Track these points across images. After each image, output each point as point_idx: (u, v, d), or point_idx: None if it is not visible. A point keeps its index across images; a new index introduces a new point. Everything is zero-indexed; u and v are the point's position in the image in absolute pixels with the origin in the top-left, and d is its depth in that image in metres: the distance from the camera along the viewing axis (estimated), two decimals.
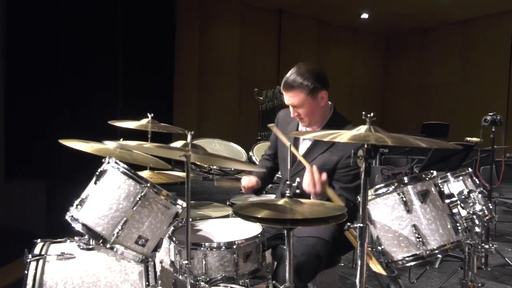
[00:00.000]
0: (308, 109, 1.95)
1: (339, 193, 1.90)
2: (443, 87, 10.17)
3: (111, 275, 1.74)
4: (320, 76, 1.96)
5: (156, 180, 2.26)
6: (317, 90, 1.94)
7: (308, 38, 10.27)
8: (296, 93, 1.93)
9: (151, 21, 6.65)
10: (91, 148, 1.88)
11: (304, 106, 1.94)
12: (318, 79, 1.94)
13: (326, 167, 1.93)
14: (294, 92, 1.94)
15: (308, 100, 1.93)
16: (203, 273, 1.68)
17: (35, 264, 1.70)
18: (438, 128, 7.67)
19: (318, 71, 1.97)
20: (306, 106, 1.94)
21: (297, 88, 1.93)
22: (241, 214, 1.44)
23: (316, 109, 1.97)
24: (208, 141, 3.15)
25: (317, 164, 1.94)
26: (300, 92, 1.92)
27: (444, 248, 1.43)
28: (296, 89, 1.93)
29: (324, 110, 2.02)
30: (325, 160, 1.95)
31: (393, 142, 1.17)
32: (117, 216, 1.59)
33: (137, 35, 6.39)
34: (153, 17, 6.69)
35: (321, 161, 1.96)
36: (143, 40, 6.50)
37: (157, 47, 6.87)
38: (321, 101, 1.97)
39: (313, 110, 1.96)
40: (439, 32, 10.33)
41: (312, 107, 1.95)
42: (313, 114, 1.97)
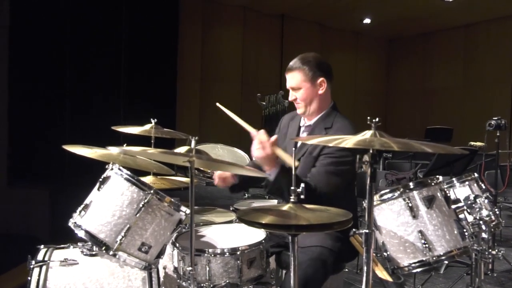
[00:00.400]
0: (305, 94, 1.96)
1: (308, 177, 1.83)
2: (446, 91, 10.14)
3: (114, 282, 1.73)
4: (321, 63, 1.98)
5: (159, 186, 2.25)
6: (316, 76, 1.95)
7: (310, 43, 10.27)
8: (294, 74, 1.97)
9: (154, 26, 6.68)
10: (95, 153, 1.87)
11: (301, 89, 1.96)
12: (318, 65, 1.96)
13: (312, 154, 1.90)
14: (293, 74, 1.97)
15: (306, 84, 1.95)
16: (207, 280, 1.66)
17: (38, 270, 1.69)
18: (442, 133, 7.64)
19: (320, 59, 2.00)
20: (303, 90, 1.95)
21: (296, 69, 1.96)
22: (245, 219, 1.43)
23: (313, 96, 1.97)
24: (212, 146, 3.15)
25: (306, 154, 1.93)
26: (299, 73, 1.95)
27: (450, 254, 1.41)
28: (295, 70, 1.96)
29: (323, 101, 2.00)
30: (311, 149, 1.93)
31: (399, 148, 1.16)
32: (120, 223, 1.58)
33: (140, 41, 6.42)
34: (156, 22, 6.73)
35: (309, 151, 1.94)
36: (146, 45, 6.53)
37: (160, 52, 6.90)
38: (319, 88, 1.97)
39: (310, 96, 1.96)
40: (441, 37, 10.32)
41: (309, 92, 1.95)
42: (310, 100, 1.97)
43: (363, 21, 9.98)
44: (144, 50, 6.50)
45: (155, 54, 6.77)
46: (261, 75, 9.45)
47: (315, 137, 1.38)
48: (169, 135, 2.48)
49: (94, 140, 2.00)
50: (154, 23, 6.68)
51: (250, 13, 9.35)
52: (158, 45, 6.83)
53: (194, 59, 8.58)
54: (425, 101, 10.65)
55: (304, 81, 1.95)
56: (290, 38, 9.93)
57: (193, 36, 8.45)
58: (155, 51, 6.76)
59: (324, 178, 1.79)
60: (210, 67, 8.88)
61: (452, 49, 10.07)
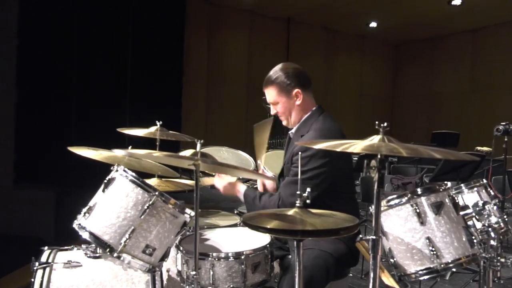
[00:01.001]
0: (282, 108, 1.97)
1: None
2: (453, 96, 10.08)
3: (117, 284, 1.72)
4: (296, 74, 1.97)
5: (164, 188, 2.25)
6: (289, 88, 1.95)
7: (316, 47, 10.27)
8: (269, 91, 1.99)
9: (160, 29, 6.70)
10: (100, 155, 1.87)
11: (278, 103, 1.97)
12: (293, 76, 1.96)
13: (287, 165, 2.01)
14: (268, 89, 1.99)
15: (281, 97, 1.96)
16: (210, 284, 1.65)
17: (41, 272, 1.69)
18: (448, 138, 7.58)
19: (295, 70, 1.99)
20: (281, 104, 1.97)
21: (269, 85, 1.98)
22: (250, 224, 1.41)
23: (291, 108, 1.97)
24: (216, 149, 3.14)
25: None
26: (273, 89, 1.97)
27: (459, 262, 1.39)
28: (269, 86, 1.98)
29: (302, 110, 1.99)
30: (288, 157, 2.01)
31: (407, 153, 1.14)
32: (124, 224, 1.57)
33: (146, 44, 6.44)
34: (162, 26, 6.75)
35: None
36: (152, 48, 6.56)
37: (166, 55, 6.92)
38: (295, 100, 1.96)
39: (288, 108, 1.97)
40: (448, 41, 10.27)
41: (286, 105, 1.97)
42: (288, 112, 1.98)
43: (369, 25, 9.96)
44: (150, 53, 6.53)
45: (161, 57, 6.79)
46: None
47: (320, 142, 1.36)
48: (174, 138, 2.47)
49: (100, 142, 2.00)
50: (160, 26, 6.71)
51: (256, 16, 9.36)
52: (164, 49, 6.85)
53: (200, 62, 8.60)
54: (431, 106, 10.59)
55: (279, 96, 1.97)
56: (296, 42, 9.92)
57: (199, 39, 8.48)
58: (161, 54, 6.78)
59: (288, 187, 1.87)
60: (216, 70, 8.89)
61: (459, 53, 10.02)
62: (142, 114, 4.85)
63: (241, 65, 9.29)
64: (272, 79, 1.97)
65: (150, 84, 6.47)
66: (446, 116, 10.10)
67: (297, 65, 2.04)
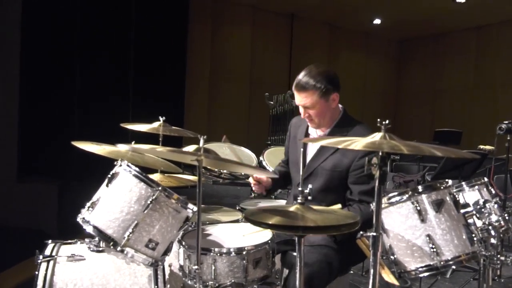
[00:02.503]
0: (319, 111, 1.95)
1: (359, 198, 1.89)
2: (456, 93, 10.05)
3: (120, 278, 1.74)
4: (332, 78, 1.97)
5: (167, 183, 2.26)
6: (329, 92, 1.94)
7: (320, 43, 10.24)
8: (309, 94, 1.94)
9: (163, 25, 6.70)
10: (103, 150, 1.89)
11: (316, 107, 1.95)
12: (331, 81, 1.95)
13: (338, 169, 1.94)
14: (307, 93, 1.94)
15: (321, 101, 1.94)
16: (212, 279, 1.66)
17: (45, 265, 1.71)
18: (451, 136, 7.56)
19: (331, 73, 1.98)
20: (317, 108, 1.95)
21: (310, 89, 1.93)
22: (252, 220, 1.43)
23: (327, 111, 1.97)
24: (219, 145, 3.16)
25: (328, 166, 1.95)
26: (313, 93, 1.93)
27: (458, 259, 1.39)
28: (309, 91, 1.93)
29: (334, 112, 2.02)
30: (336, 162, 1.95)
31: (409, 151, 1.15)
32: (128, 219, 1.59)
33: (149, 39, 6.44)
34: (165, 21, 6.74)
35: (332, 162, 1.96)
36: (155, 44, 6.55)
37: (169, 51, 6.92)
38: (332, 103, 1.97)
39: (324, 111, 1.96)
40: (452, 38, 10.22)
41: (323, 109, 1.95)
42: (323, 115, 1.97)
43: (373, 22, 9.92)
44: (153, 49, 6.52)
45: (164, 53, 6.78)
46: (270, 74, 9.44)
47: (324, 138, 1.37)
48: (177, 133, 2.48)
49: (103, 137, 2.01)
50: (163, 22, 6.70)
51: (259, 12, 9.33)
52: (167, 44, 6.84)
53: (203, 58, 8.60)
54: (434, 103, 10.56)
55: (318, 100, 1.94)
56: (299, 38, 9.90)
57: (202, 35, 8.47)
58: (164, 49, 6.77)
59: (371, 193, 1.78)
60: (218, 66, 8.89)
61: (463, 51, 9.96)
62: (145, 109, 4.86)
63: (244, 60, 9.28)
64: (312, 84, 1.92)
65: (153, 80, 6.47)
66: (449, 113, 10.07)
67: (326, 67, 2.02)
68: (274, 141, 7.12)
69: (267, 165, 3.03)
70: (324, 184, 1.92)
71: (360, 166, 1.88)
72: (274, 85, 8.85)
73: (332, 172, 1.94)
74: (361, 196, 1.89)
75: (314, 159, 2.00)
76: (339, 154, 1.94)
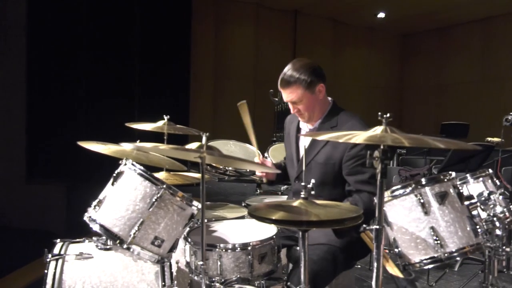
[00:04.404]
0: (307, 104, 1.95)
1: (356, 188, 1.88)
2: (462, 86, 9.97)
3: (128, 275, 1.77)
4: (315, 69, 1.96)
5: (172, 181, 2.27)
6: (314, 84, 1.94)
7: (323, 38, 10.21)
8: (293, 89, 1.94)
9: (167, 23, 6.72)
10: (108, 150, 1.90)
11: (303, 101, 1.95)
12: (314, 72, 1.94)
13: (331, 161, 1.94)
14: (292, 88, 1.94)
15: (306, 94, 1.93)
16: (218, 274, 1.68)
17: (54, 263, 1.73)
18: (458, 129, 7.51)
19: (313, 65, 1.97)
20: (305, 101, 1.94)
21: (293, 83, 1.93)
22: (256, 215, 1.44)
23: (315, 103, 1.97)
24: (224, 142, 3.16)
25: (321, 159, 1.95)
26: (298, 87, 1.93)
27: (463, 251, 1.40)
28: (293, 85, 1.93)
29: (323, 104, 2.01)
30: (328, 155, 1.95)
31: (410, 143, 1.15)
32: (133, 217, 1.61)
33: (153, 38, 6.46)
34: (168, 19, 6.76)
35: (324, 155, 1.95)
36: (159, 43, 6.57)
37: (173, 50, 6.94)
38: (319, 95, 1.97)
39: (312, 104, 1.96)
40: (458, 31, 10.14)
41: (310, 102, 1.95)
42: (312, 108, 1.97)
43: (377, 16, 9.87)
44: (157, 48, 6.55)
45: (168, 51, 6.81)
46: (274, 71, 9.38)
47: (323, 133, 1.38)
48: (182, 131, 2.50)
49: (109, 137, 2.03)
50: (167, 20, 6.72)
51: (262, 9, 9.32)
52: (171, 43, 6.86)
53: (207, 56, 8.61)
54: (440, 97, 10.49)
55: (304, 93, 1.93)
56: (303, 34, 9.88)
57: (206, 33, 8.48)
58: (168, 48, 6.79)
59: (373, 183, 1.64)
60: (223, 64, 8.90)
61: (469, 43, 9.88)
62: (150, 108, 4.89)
63: (248, 58, 9.28)
64: (295, 77, 1.92)
65: (157, 79, 6.50)
66: (455, 107, 10.00)
67: (309, 60, 2.02)
68: (279, 137, 7.13)
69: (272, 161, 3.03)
70: (319, 178, 1.89)
71: (352, 157, 1.88)
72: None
73: (325, 166, 1.93)
74: (357, 185, 1.88)
75: (306, 153, 1.99)
76: (330, 147, 1.94)
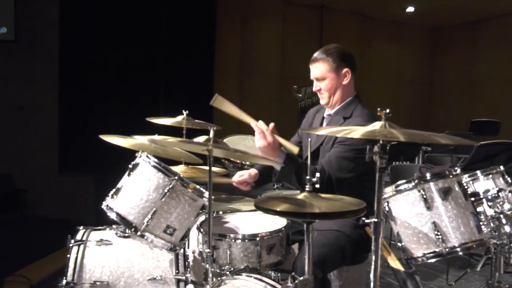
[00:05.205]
0: (329, 84, 1.99)
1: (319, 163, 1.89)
2: (495, 82, 9.59)
3: (144, 262, 1.87)
4: (345, 54, 2.01)
5: (190, 175, 2.36)
6: (340, 66, 1.98)
7: (350, 34, 10.06)
8: (319, 65, 2.00)
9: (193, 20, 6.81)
10: (127, 143, 2.01)
11: (326, 79, 1.99)
12: (343, 56, 1.99)
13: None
14: (318, 64, 2.00)
15: (331, 74, 1.98)
16: (228, 263, 1.75)
17: (76, 248, 1.86)
18: (488, 126, 7.25)
19: (343, 50, 2.02)
20: (328, 80, 1.99)
21: (320, 60, 2.00)
22: (261, 207, 1.50)
23: (337, 86, 2.00)
24: (242, 137, 3.23)
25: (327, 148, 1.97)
26: (323, 64, 1.99)
27: (465, 246, 1.40)
28: (320, 61, 2.00)
29: (346, 91, 2.03)
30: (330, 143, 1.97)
31: (405, 138, 1.17)
32: (147, 206, 1.70)
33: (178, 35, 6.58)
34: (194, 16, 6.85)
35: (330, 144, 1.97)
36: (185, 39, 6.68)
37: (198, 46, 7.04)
38: (343, 79, 2.00)
39: (335, 86, 1.99)
40: (491, 24, 9.75)
41: (333, 83, 1.99)
42: (334, 90, 2.00)
43: (406, 10, 9.63)
44: (183, 44, 6.67)
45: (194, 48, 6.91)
46: (300, 67, 9.36)
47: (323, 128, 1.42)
48: (199, 126, 2.58)
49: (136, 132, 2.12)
50: (193, 16, 6.82)
51: (289, 5, 9.30)
52: (197, 39, 6.96)
53: (233, 52, 8.68)
54: (472, 93, 10.14)
55: (328, 72, 1.99)
56: (330, 30, 9.77)
57: (232, 29, 8.55)
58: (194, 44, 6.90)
59: (335, 162, 1.83)
60: (248, 60, 8.94)
61: (503, 37, 9.47)
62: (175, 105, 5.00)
63: (274, 54, 9.28)
64: (325, 54, 1.99)
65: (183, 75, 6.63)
66: (487, 103, 9.64)
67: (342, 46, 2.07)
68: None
69: None
70: None
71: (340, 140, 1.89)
72: (305, 78, 8.78)
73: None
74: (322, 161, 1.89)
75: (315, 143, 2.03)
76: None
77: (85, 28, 5.45)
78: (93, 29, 5.49)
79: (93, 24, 5.48)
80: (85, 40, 5.46)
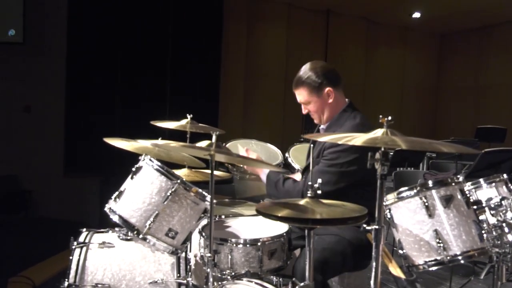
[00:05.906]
0: (315, 107, 2.01)
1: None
2: (501, 89, 9.54)
3: (145, 265, 1.87)
4: (326, 72, 1.99)
5: (193, 178, 2.37)
6: (321, 87, 1.98)
7: (356, 39, 10.07)
8: (300, 91, 2.02)
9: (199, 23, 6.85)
10: (131, 146, 2.03)
11: (310, 103, 2.00)
12: (323, 75, 1.98)
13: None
14: (299, 90, 2.02)
15: (313, 97, 1.99)
16: (229, 267, 1.76)
17: (79, 250, 1.87)
18: (494, 133, 7.20)
19: (324, 68, 2.01)
20: (312, 103, 2.01)
21: (300, 85, 2.01)
22: (263, 212, 1.50)
23: (323, 106, 2.01)
24: (246, 142, 3.24)
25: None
26: (304, 90, 2.00)
27: (467, 254, 1.40)
28: (300, 87, 2.01)
29: (334, 107, 2.03)
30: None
31: (407, 146, 1.17)
32: (149, 209, 1.71)
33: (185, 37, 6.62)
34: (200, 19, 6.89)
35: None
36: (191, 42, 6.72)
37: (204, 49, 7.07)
38: (327, 98, 1.99)
39: (321, 107, 2.01)
40: (499, 31, 9.71)
41: (318, 105, 2.00)
42: (321, 111, 2.02)
43: (412, 16, 9.62)
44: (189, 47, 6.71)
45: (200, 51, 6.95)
46: None
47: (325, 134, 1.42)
48: (203, 130, 2.59)
49: (141, 135, 2.14)
50: (199, 20, 6.86)
51: (294, 9, 9.32)
52: (203, 42, 7.00)
53: (238, 56, 8.70)
54: (478, 99, 10.09)
55: (310, 96, 2.00)
56: (335, 34, 9.78)
57: (237, 33, 8.58)
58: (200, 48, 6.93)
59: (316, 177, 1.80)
60: (254, 63, 8.97)
61: (509, 43, 9.43)
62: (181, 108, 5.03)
63: (279, 58, 9.30)
64: (303, 79, 1.99)
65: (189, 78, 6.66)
66: (493, 110, 9.59)
67: (325, 63, 2.07)
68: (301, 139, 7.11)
69: (293, 161, 3.07)
70: None
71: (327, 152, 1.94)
72: None
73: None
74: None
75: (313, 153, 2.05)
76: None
77: (92, 31, 5.50)
78: (100, 32, 5.55)
79: (100, 27, 5.54)
80: (92, 43, 5.51)
